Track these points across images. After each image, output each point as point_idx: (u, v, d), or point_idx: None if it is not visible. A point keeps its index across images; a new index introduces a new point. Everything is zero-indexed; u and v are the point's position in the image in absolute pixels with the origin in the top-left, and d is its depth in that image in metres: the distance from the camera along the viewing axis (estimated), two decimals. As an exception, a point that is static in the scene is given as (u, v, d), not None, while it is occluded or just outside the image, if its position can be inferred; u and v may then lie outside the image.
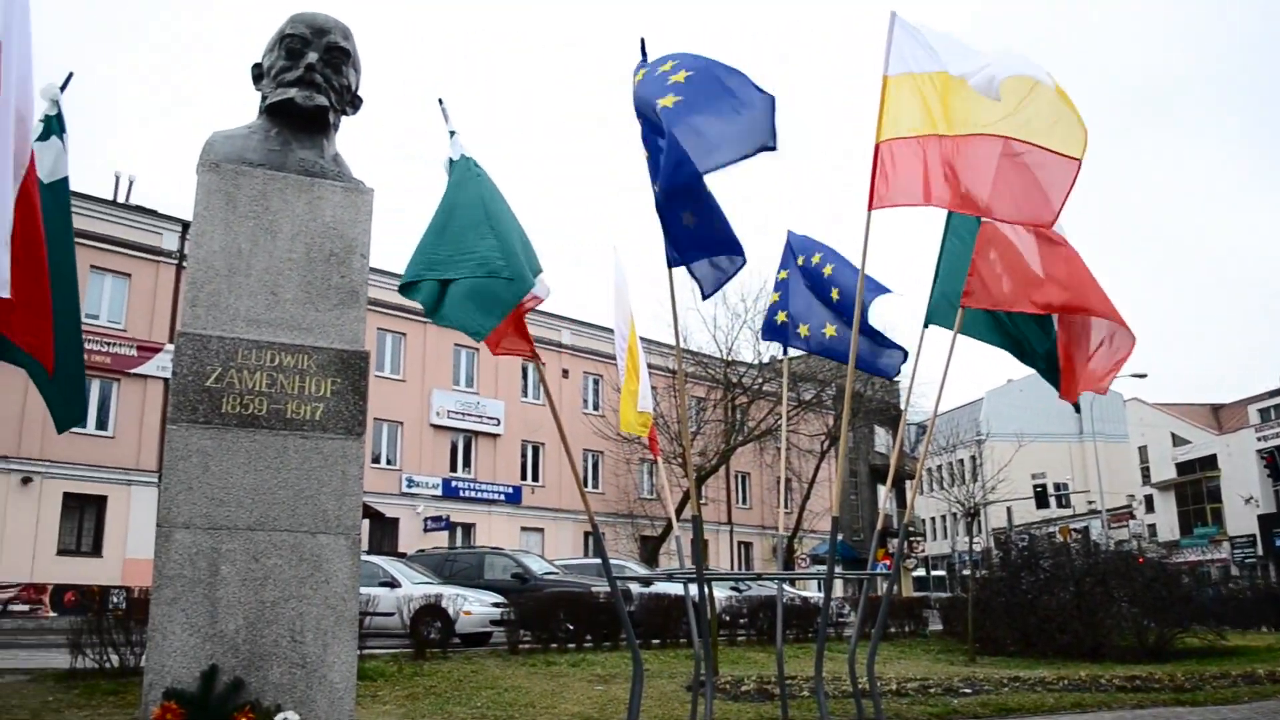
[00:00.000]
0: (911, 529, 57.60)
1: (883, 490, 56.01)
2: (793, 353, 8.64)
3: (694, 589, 6.94)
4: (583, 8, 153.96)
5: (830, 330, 7.73)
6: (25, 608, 27.31)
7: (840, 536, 46.42)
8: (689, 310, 36.80)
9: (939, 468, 55.79)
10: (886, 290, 7.43)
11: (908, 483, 52.92)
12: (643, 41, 5.73)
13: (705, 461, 37.60)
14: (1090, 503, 59.79)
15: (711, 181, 5.11)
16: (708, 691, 6.20)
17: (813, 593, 27.72)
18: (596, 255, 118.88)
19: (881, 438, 57.31)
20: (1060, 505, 62.47)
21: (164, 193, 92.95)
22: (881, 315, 7.40)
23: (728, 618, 18.72)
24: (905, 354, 7.50)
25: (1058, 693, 10.58)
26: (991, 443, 52.10)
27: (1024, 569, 18.01)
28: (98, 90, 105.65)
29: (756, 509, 49.13)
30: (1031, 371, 6.72)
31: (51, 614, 27.15)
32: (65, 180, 5.72)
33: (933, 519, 76.65)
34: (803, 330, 7.89)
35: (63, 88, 5.27)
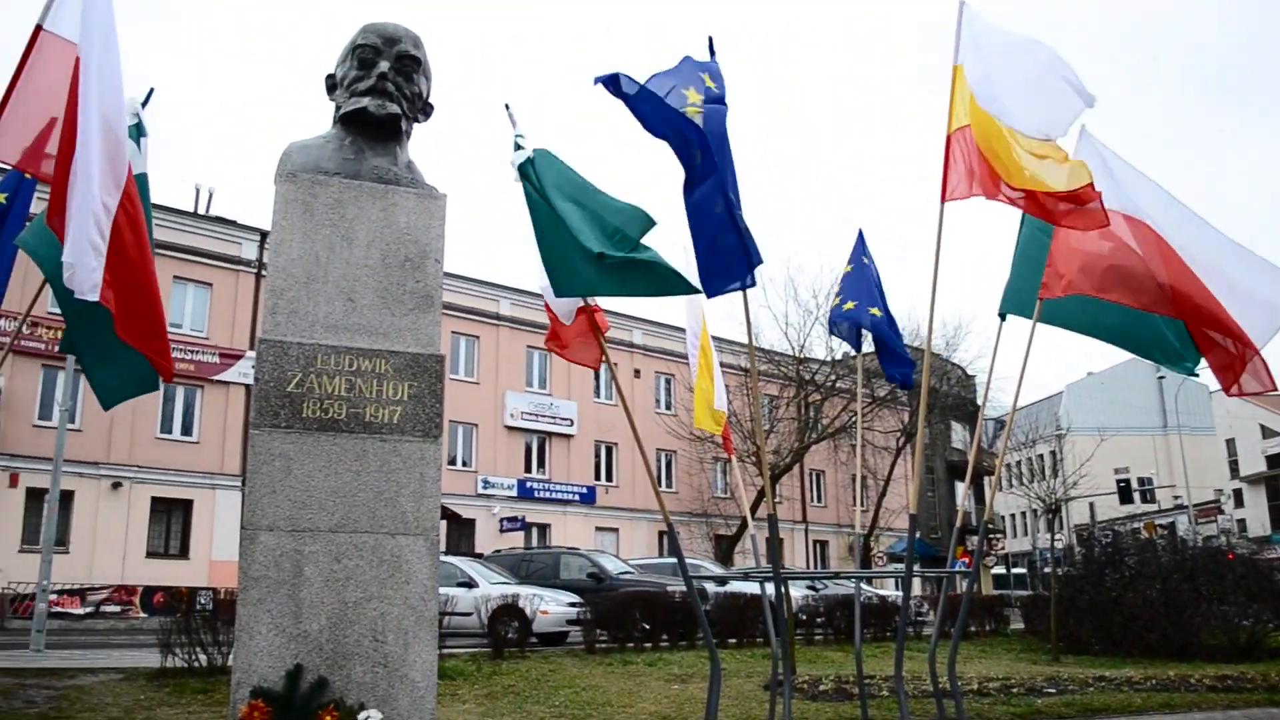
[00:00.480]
0: (991, 526, 56.66)
1: (961, 487, 55.21)
2: (866, 348, 8.63)
3: (771, 588, 6.92)
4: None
5: (875, 310, 7.89)
6: (117, 608, 28.10)
7: (918, 534, 45.91)
8: (760, 308, 36.74)
9: (1018, 463, 54.77)
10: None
11: (986, 479, 52.12)
12: (711, 41, 5.72)
13: (779, 460, 37.37)
14: (1176, 498, 58.29)
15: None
16: (785, 691, 6.17)
17: (890, 591, 27.44)
18: (667, 253, 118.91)
19: (958, 433, 56.44)
20: (1145, 500, 60.85)
21: (242, 203, 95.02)
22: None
23: (804, 617, 18.60)
24: (914, 367, 7.78)
25: (1145, 693, 10.34)
26: (1072, 437, 50.95)
27: (1108, 566, 17.63)
28: (176, 104, 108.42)
29: (832, 507, 48.73)
30: (1113, 364, 6.64)
31: (142, 614, 27.91)
32: (144, 176, 5.84)
33: (1012, 516, 75.33)
34: (848, 305, 8.07)
35: (144, 103, 5.41)
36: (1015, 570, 63.52)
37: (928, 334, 5.73)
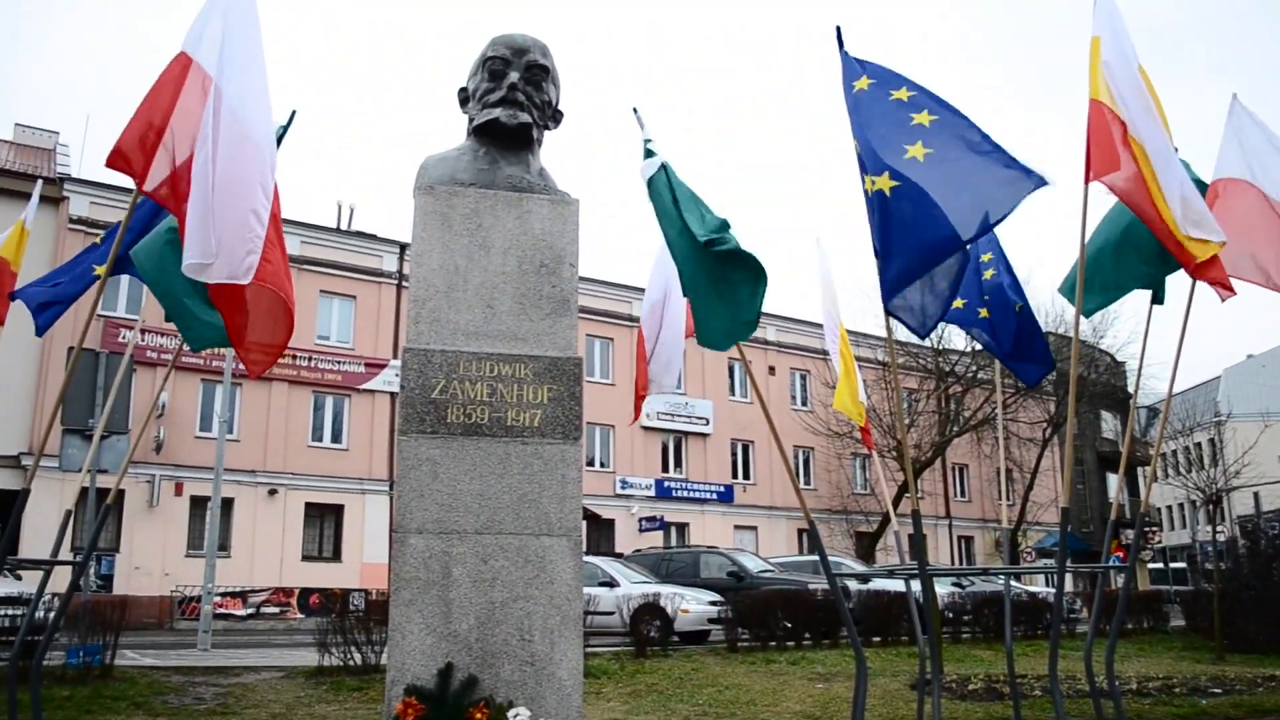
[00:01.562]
0: (1147, 519, 54.38)
1: (1113, 479, 53.18)
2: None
3: (917, 585, 6.79)
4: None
5: (983, 312, 7.45)
6: (275, 610, 29.33)
7: (1069, 528, 44.43)
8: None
9: (1174, 452, 52.49)
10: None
11: (1140, 470, 50.08)
12: (839, 30, 5.63)
13: (920, 454, 36.65)
14: (1351, 486, 54.87)
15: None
16: (934, 690, 6.05)
17: (1040, 588, 26.61)
18: (800, 249, 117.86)
19: (1109, 423, 54.33)
20: (1316, 489, 57.59)
21: (382, 216, 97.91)
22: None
23: (950, 614, 18.21)
24: (1051, 367, 7.32)
25: (1320, 692, 9.80)
26: (1233, 423, 48.62)
27: (1276, 559, 16.74)
28: (319, 121, 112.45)
29: (976, 502, 47.50)
30: (1274, 345, 6.28)
31: (299, 615, 29.06)
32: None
33: (1169, 508, 72.15)
34: (958, 303, 7.67)
35: (287, 125, 5.60)
36: (1173, 565, 60.82)
37: (1074, 320, 5.52)
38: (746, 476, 41.61)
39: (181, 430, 29.51)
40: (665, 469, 39.61)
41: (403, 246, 33.97)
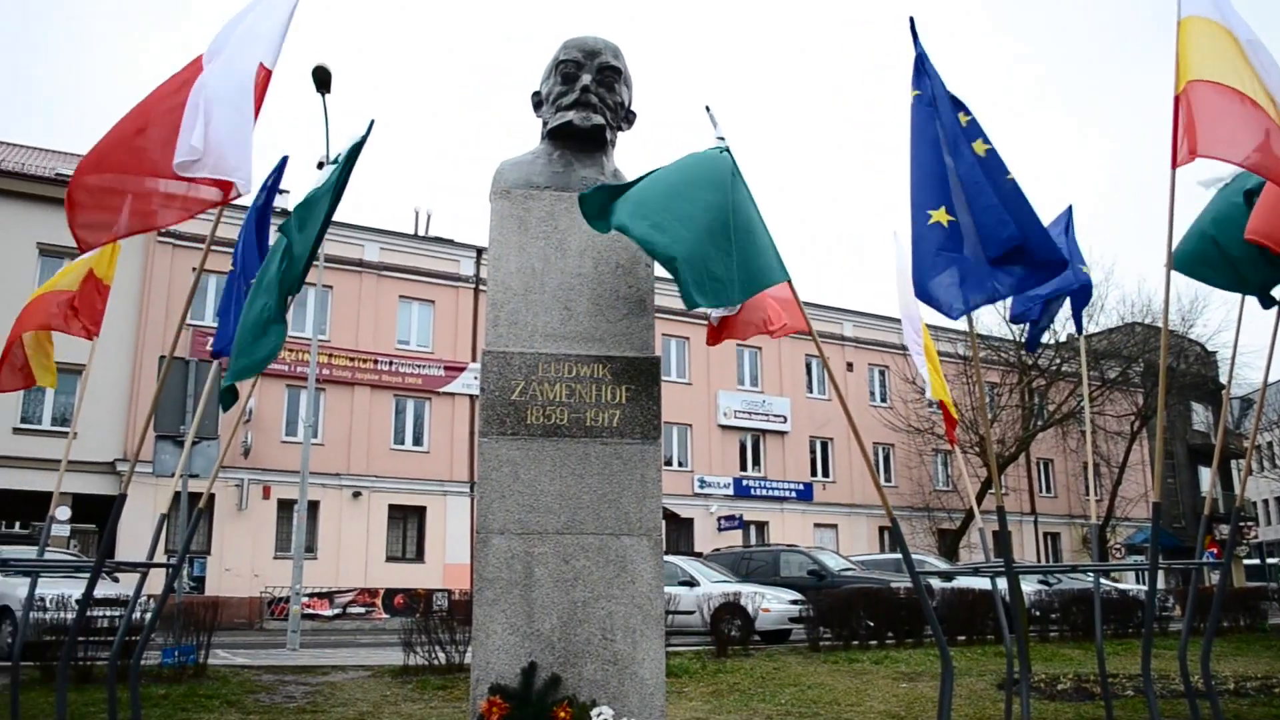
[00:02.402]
0: (1242, 513, 52.76)
1: (1206, 472, 51.65)
2: (1092, 329, 8.16)
3: (1003, 583, 6.68)
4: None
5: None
6: (361, 610, 29.84)
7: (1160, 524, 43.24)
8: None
9: (1269, 444, 50.89)
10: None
11: (1234, 462, 48.58)
12: (912, 21, 5.56)
13: (1004, 449, 36.01)
14: None
15: None
16: (1023, 689, 5.94)
17: (1130, 585, 25.99)
18: (877, 243, 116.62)
19: (1200, 414, 52.82)
20: None
21: (457, 220, 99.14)
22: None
23: (1037, 613, 17.87)
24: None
25: None
26: (1333, 414, 46.90)
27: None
28: (396, 128, 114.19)
29: (1062, 497, 46.53)
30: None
31: (384, 615, 29.54)
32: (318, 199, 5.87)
33: (1265, 501, 69.95)
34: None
35: (366, 134, 5.68)
36: (1270, 560, 58.94)
37: (1164, 309, 5.38)
38: (826, 474, 41.29)
39: (268, 435, 30.20)
40: (743, 468, 39.48)
41: (479, 251, 34.39)
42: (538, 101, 5.82)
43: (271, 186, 6.38)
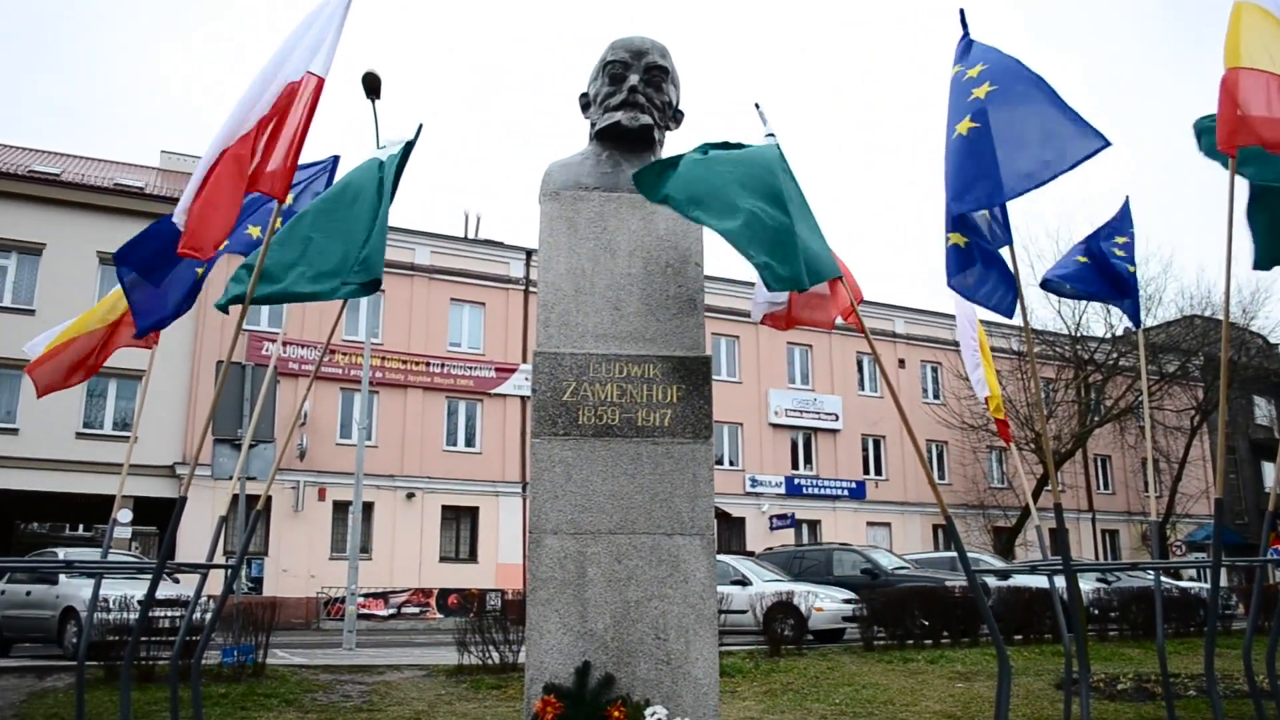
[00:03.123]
0: (1307, 509, 51.55)
1: (1269, 467, 50.54)
2: (1150, 322, 8.04)
3: (1060, 581, 6.59)
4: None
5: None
6: (415, 610, 30.15)
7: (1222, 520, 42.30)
8: (1028, 286, 34.88)
9: (1334, 437, 49.61)
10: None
11: (1298, 457, 47.49)
12: (962, 13, 5.51)
13: (1060, 445, 35.52)
14: None
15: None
16: (1082, 689, 5.86)
17: (1191, 583, 25.51)
18: (925, 238, 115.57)
19: (1262, 408, 51.68)
20: None
21: (505, 223, 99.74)
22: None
23: (1096, 611, 17.62)
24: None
25: None
26: (1401, 407, 45.68)
27: None
28: (445, 132, 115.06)
29: (1120, 494, 45.78)
30: None
31: (438, 615, 29.83)
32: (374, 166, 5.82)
33: (1331, 497, 68.28)
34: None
35: (414, 138, 5.72)
36: (1338, 557, 57.49)
37: (1224, 301, 5.26)
38: (878, 472, 40.99)
39: (323, 437, 30.58)
40: (795, 466, 39.31)
41: (529, 253, 34.57)
42: (585, 103, 5.85)
43: (321, 191, 6.46)
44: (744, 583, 18.40)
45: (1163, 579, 8.83)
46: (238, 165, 4.80)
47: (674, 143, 6.99)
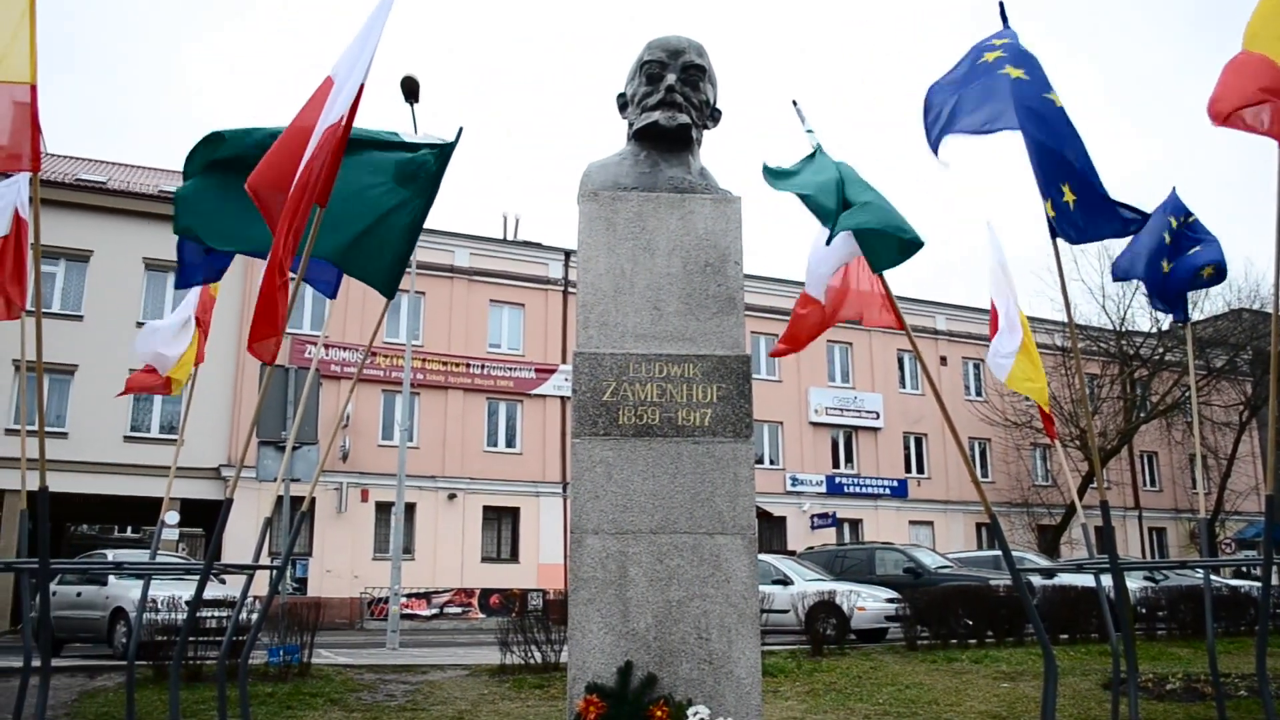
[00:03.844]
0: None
1: (1320, 463, 49.69)
2: (1197, 316, 7.91)
3: (1107, 579, 6.51)
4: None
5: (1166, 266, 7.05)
6: (458, 610, 30.33)
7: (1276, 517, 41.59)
8: (1073, 281, 34.56)
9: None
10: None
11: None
12: (1002, 6, 5.47)
13: (1105, 442, 35.09)
14: None
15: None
16: (1130, 689, 5.79)
17: (1241, 582, 25.10)
18: (967, 233, 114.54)
19: (1313, 403, 50.77)
20: None
21: (543, 224, 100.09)
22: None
23: (1143, 610, 17.39)
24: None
25: None
26: None
27: None
28: (483, 134, 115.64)
29: (1167, 491, 45.15)
30: None
31: (480, 615, 29.99)
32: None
33: (1386, 493, 67.00)
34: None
35: (455, 141, 5.75)
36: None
37: (1274, 293, 5.15)
38: (920, 470, 40.69)
39: (365, 439, 30.83)
40: (836, 465, 39.12)
41: (568, 254, 34.70)
42: (623, 103, 5.85)
43: None
44: (785, 582, 18.35)
45: (1212, 577, 8.70)
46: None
47: (711, 142, 6.98)
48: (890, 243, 5.15)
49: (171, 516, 25.57)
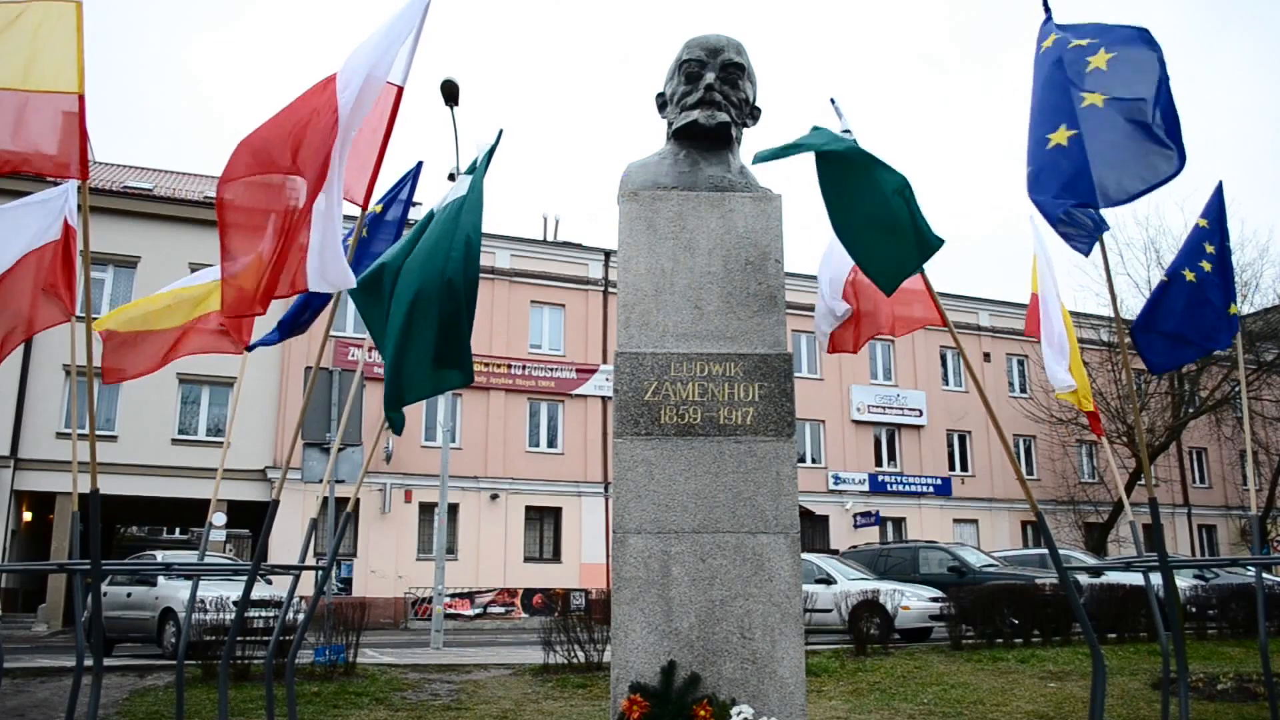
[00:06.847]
0: None
1: (1375, 459, 48.70)
2: (1247, 309, 7.74)
3: (1156, 578, 6.42)
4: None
5: (1189, 274, 6.83)
6: (501, 609, 30.49)
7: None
8: (1118, 275, 34.04)
9: None
10: None
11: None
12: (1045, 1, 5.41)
13: (1153, 438, 34.58)
14: None
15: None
16: (1181, 689, 5.70)
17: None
18: (1010, 228, 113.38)
19: (1366, 399, 49.74)
20: None
21: (583, 225, 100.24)
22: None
23: (1194, 609, 17.13)
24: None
25: None
26: None
27: None
28: (523, 136, 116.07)
29: (1217, 488, 44.43)
30: None
31: (523, 615, 30.14)
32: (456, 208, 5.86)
33: None
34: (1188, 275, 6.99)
35: (495, 143, 5.77)
36: None
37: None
38: (964, 468, 40.32)
39: (409, 441, 31.03)
40: (879, 463, 38.85)
41: (608, 254, 34.75)
42: (662, 103, 5.84)
43: (406, 199, 6.56)
44: (829, 581, 18.26)
45: (1265, 575, 8.55)
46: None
47: (751, 140, 6.94)
48: (892, 254, 4.99)
49: (219, 518, 25.89)
